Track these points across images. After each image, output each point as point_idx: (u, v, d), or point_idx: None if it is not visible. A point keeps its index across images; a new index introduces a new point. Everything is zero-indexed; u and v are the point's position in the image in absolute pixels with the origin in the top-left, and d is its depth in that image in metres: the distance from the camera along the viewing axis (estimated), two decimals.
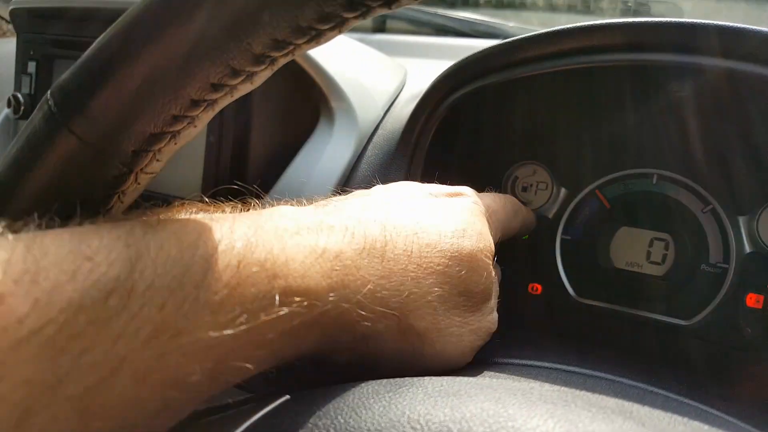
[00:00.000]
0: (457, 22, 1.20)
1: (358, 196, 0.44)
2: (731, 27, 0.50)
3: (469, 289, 0.41)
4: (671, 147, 0.74)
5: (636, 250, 0.74)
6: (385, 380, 0.33)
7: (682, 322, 0.71)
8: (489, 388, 0.32)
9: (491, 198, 0.53)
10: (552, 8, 1.23)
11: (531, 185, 0.80)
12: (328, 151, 0.62)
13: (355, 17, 0.26)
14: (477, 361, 0.44)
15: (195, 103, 0.26)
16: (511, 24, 1.18)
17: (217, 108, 0.28)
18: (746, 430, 0.40)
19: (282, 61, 0.27)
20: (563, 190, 0.79)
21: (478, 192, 0.54)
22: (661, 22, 0.51)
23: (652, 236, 0.74)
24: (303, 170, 0.62)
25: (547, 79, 0.60)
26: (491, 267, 0.44)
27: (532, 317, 0.77)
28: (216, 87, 0.26)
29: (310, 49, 0.28)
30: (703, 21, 0.50)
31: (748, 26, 0.49)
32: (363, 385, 0.32)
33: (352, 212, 0.38)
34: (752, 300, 0.70)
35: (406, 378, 0.33)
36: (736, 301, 0.70)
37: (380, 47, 1.03)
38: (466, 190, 0.49)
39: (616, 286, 0.75)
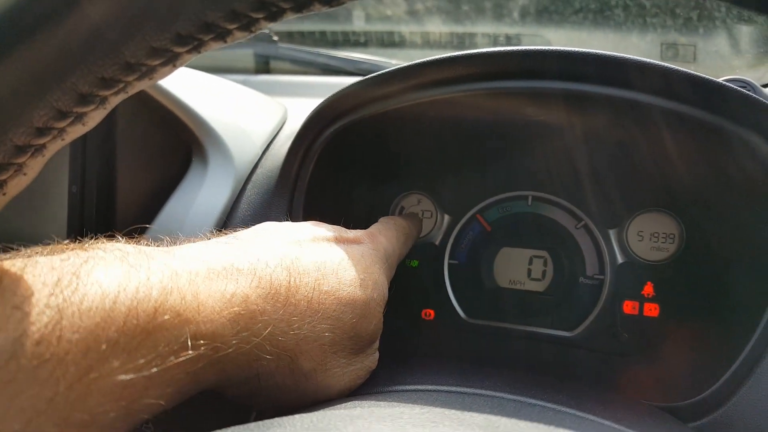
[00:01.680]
0: (341, 61, 1.22)
1: (266, 232, 0.45)
2: (572, 52, 0.53)
3: (358, 334, 0.44)
4: (542, 169, 0.78)
5: (517, 268, 0.78)
6: (254, 424, 0.33)
7: (566, 334, 0.75)
8: (360, 418, 0.32)
9: (386, 237, 0.55)
10: (430, 45, 1.29)
11: (417, 214, 0.82)
12: (203, 193, 0.61)
13: (188, 51, 0.26)
14: (362, 392, 0.45)
15: (20, 149, 0.25)
16: (394, 61, 1.22)
17: (48, 153, 0.27)
18: (617, 430, 0.42)
19: (114, 100, 0.27)
20: (447, 217, 0.82)
21: (367, 221, 0.57)
22: (509, 50, 0.54)
23: (531, 254, 0.77)
24: (176, 215, 0.60)
25: (418, 111, 0.62)
26: (381, 314, 0.47)
27: (427, 342, 0.78)
28: (42, 131, 0.25)
29: (144, 86, 0.27)
30: (548, 48, 0.53)
31: (586, 50, 0.53)
32: (232, 429, 0.32)
33: (261, 254, 0.39)
34: (629, 307, 0.75)
35: (275, 419, 0.33)
36: (615, 310, 0.75)
37: (264, 88, 1.03)
38: (362, 236, 0.51)
39: (502, 305, 0.77)
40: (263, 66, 1.28)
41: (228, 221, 0.62)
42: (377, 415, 0.32)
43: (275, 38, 1.28)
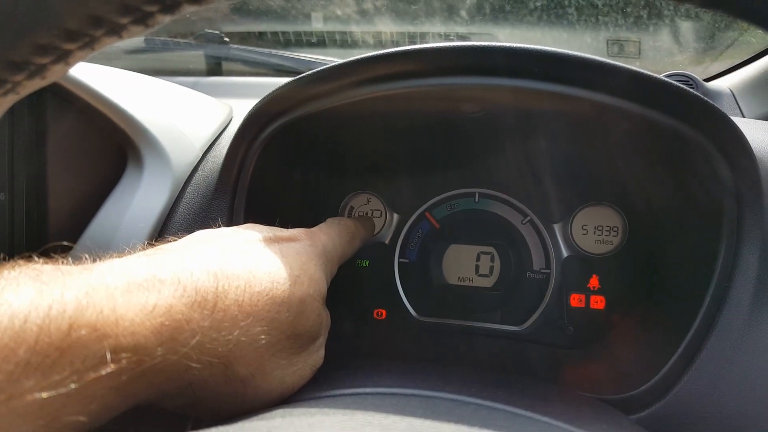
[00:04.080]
0: (294, 61, 1.22)
1: (196, 241, 0.44)
2: (519, 48, 0.52)
3: (297, 332, 0.42)
4: (488, 166, 0.78)
5: (465, 265, 0.78)
6: None
7: (515, 328, 0.75)
8: (277, 429, 0.32)
9: (326, 234, 0.54)
10: (382, 44, 1.28)
11: (366, 214, 0.82)
12: (139, 197, 0.59)
13: (80, 48, 0.25)
14: (299, 398, 0.44)
15: None
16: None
17: None
18: (553, 427, 0.42)
19: (3, 102, 0.26)
20: (396, 216, 0.82)
21: (316, 221, 0.56)
22: (452, 46, 0.53)
23: (478, 250, 0.78)
24: (111, 221, 0.58)
25: (357, 109, 0.61)
26: (321, 309, 0.46)
27: (379, 342, 0.78)
28: None
29: (36, 86, 0.26)
30: (493, 44, 0.52)
31: (534, 46, 0.52)
32: None
33: (186, 263, 0.38)
34: (576, 300, 0.76)
35: None
36: (562, 303, 0.75)
37: (216, 90, 1.02)
38: (299, 234, 0.50)
39: (452, 302, 0.78)
40: (215, 68, 1.27)
41: (166, 226, 0.61)
42: (295, 426, 0.32)
43: (226, 39, 1.27)
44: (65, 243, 0.56)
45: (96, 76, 0.62)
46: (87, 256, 0.37)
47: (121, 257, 0.38)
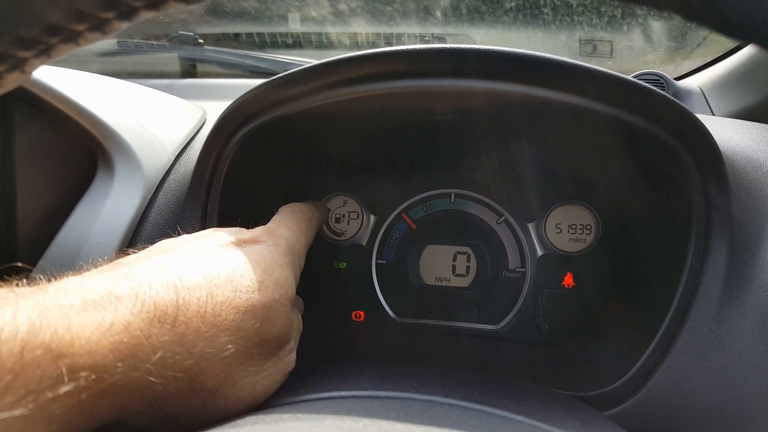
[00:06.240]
0: (268, 62, 1.21)
1: (155, 253, 0.43)
2: (491, 51, 0.52)
3: (264, 339, 0.42)
4: (463, 166, 0.79)
5: (442, 265, 0.78)
6: None
7: (492, 327, 0.76)
8: None
9: (287, 227, 0.53)
10: (358, 45, 1.28)
11: (343, 216, 0.82)
12: (110, 203, 0.59)
13: (36, 56, 0.25)
14: (273, 404, 0.44)
15: None
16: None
17: None
18: (526, 425, 0.42)
19: None
20: (373, 218, 0.82)
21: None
22: (424, 49, 0.53)
23: (455, 251, 0.78)
24: (81, 227, 0.57)
25: (331, 111, 0.61)
26: (288, 313, 0.45)
27: (358, 343, 0.78)
28: None
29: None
30: (465, 46, 0.53)
31: (505, 49, 0.52)
32: None
33: (144, 277, 0.37)
34: (551, 298, 0.76)
35: None
36: (537, 301, 0.76)
37: (191, 92, 1.01)
38: (261, 234, 0.49)
39: (429, 302, 0.78)
40: (189, 69, 1.25)
41: (138, 232, 0.60)
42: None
43: (201, 41, 1.26)
44: (20, 264, 0.55)
45: (64, 80, 0.61)
46: (42, 276, 0.37)
47: (78, 275, 0.37)
